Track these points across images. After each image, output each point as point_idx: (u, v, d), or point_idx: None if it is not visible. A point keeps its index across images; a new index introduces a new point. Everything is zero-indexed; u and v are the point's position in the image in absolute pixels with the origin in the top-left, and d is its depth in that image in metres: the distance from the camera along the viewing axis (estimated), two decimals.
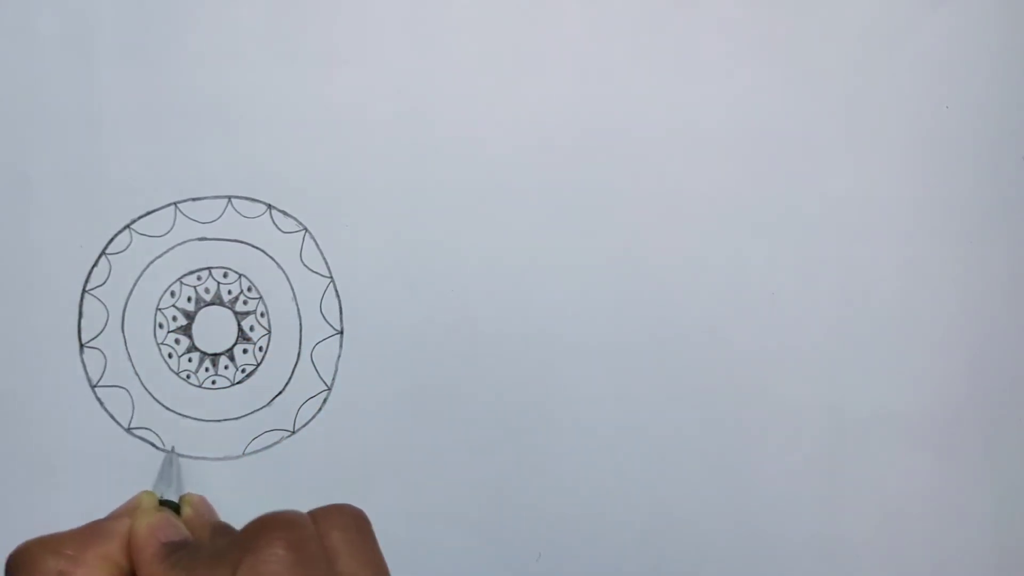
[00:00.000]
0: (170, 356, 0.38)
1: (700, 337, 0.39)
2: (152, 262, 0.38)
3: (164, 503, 0.34)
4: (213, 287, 0.38)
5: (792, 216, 0.39)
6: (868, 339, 0.39)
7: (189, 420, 0.38)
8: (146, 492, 0.34)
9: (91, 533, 0.30)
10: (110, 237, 0.38)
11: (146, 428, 0.38)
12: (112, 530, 0.31)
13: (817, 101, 0.39)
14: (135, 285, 0.38)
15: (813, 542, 0.39)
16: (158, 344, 0.38)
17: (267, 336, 0.38)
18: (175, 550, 0.30)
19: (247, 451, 0.38)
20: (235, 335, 0.38)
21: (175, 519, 0.32)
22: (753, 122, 0.39)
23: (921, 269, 0.40)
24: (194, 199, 0.38)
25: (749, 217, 0.39)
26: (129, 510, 0.32)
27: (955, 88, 0.39)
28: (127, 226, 0.38)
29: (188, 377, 0.38)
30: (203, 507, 0.35)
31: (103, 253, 0.38)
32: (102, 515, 0.37)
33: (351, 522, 0.30)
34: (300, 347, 0.38)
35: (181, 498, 0.35)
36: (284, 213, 0.38)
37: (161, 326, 0.38)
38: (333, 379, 0.38)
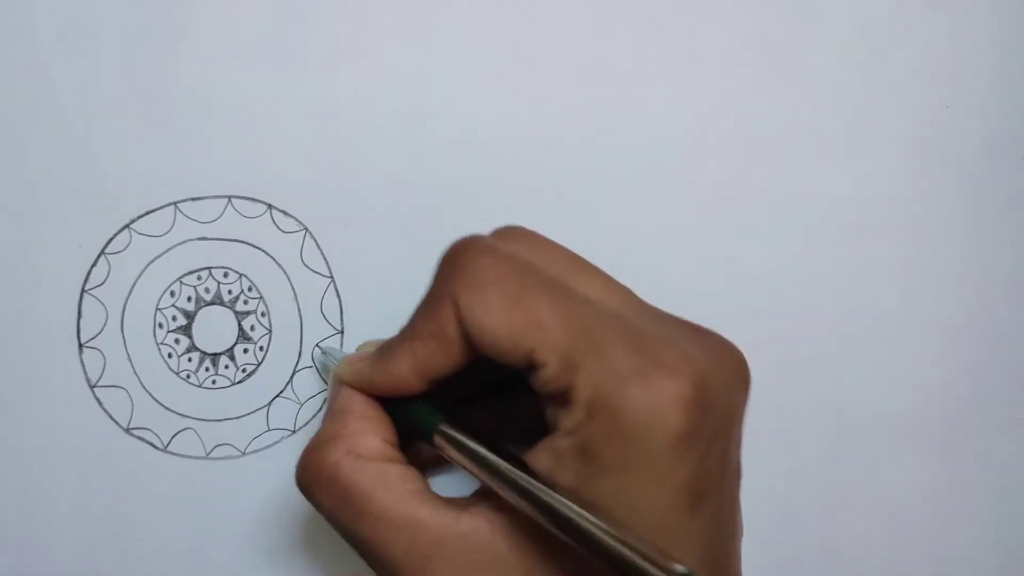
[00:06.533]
0: (170, 356, 0.38)
1: None
2: (152, 262, 0.38)
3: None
4: (213, 287, 0.38)
5: (792, 216, 0.39)
6: (868, 339, 0.39)
7: (189, 420, 0.38)
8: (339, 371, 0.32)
9: (340, 413, 0.30)
10: (109, 237, 0.37)
11: (145, 428, 0.37)
12: (347, 405, 0.30)
13: (817, 101, 0.39)
14: (135, 285, 0.38)
15: (813, 543, 0.39)
16: (158, 344, 0.38)
17: (268, 336, 0.38)
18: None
19: (247, 451, 0.38)
20: (235, 335, 0.38)
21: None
22: (753, 122, 0.39)
23: (921, 269, 0.40)
24: (194, 199, 0.38)
25: (749, 217, 0.39)
26: (336, 394, 0.31)
27: (955, 88, 0.39)
28: (126, 226, 0.38)
29: (188, 377, 0.38)
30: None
31: (102, 253, 0.37)
32: (100, 515, 0.37)
33: (520, 232, 0.29)
34: (301, 347, 0.38)
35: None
36: (284, 213, 0.38)
37: (161, 326, 0.38)
38: None
